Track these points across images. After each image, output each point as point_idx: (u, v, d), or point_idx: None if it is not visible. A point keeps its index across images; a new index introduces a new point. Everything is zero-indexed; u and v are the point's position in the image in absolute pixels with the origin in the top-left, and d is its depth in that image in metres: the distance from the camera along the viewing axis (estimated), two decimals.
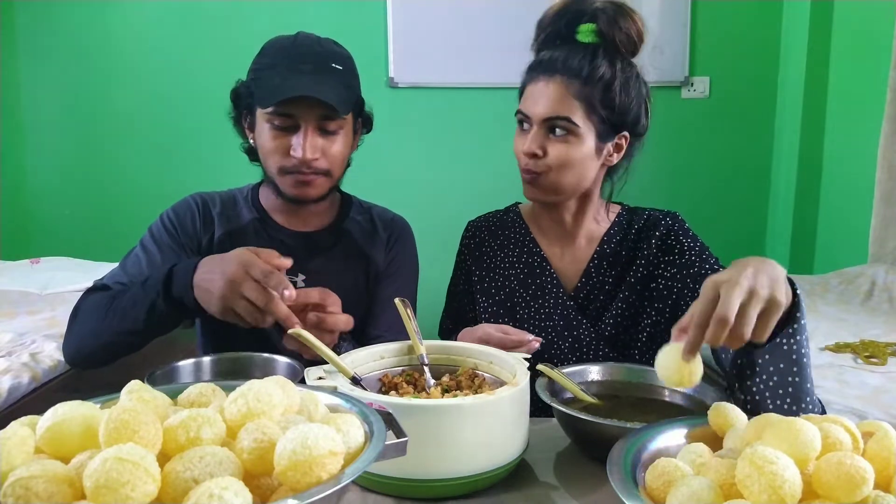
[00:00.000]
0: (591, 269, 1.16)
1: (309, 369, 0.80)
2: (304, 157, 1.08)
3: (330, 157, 1.12)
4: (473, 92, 3.16)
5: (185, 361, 1.01)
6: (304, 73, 1.07)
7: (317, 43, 1.12)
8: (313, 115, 1.08)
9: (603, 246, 1.17)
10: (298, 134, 1.09)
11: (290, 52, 1.10)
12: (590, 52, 1.06)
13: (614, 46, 1.08)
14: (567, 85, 1.05)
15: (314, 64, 1.09)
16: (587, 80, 1.04)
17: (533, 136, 1.07)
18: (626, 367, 0.98)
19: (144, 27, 3.10)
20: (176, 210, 1.21)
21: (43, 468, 0.46)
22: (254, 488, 0.49)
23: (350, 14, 3.09)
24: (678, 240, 1.14)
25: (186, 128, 3.13)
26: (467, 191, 3.14)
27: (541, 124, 1.07)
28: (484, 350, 0.91)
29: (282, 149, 1.10)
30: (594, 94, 1.05)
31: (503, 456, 0.75)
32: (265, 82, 1.09)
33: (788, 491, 0.48)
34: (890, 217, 2.60)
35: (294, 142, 1.09)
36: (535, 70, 1.09)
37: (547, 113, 1.05)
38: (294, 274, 1.19)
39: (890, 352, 1.76)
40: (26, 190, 3.13)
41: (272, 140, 1.10)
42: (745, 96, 3.26)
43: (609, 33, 1.06)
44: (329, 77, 1.09)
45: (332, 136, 1.11)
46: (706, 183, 3.29)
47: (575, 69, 1.05)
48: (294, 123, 1.09)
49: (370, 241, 1.27)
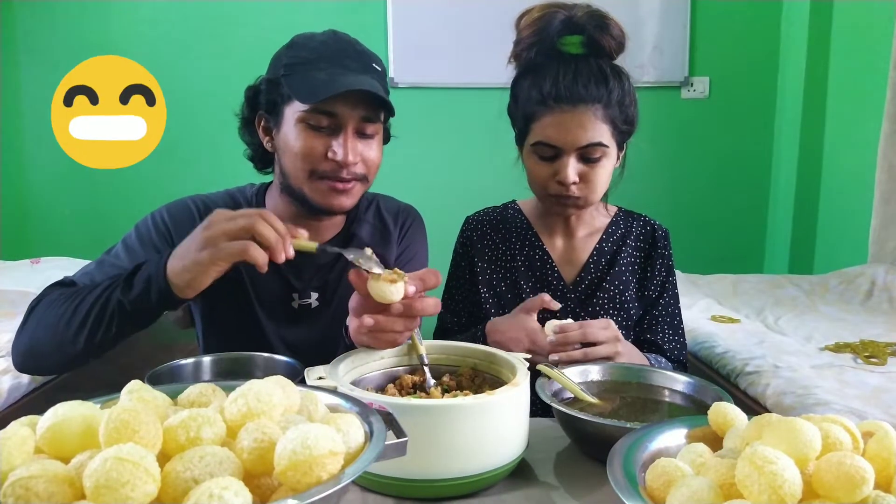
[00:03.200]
0: (591, 264, 1.22)
1: (309, 369, 0.80)
2: (346, 160, 1.01)
3: (368, 162, 1.06)
4: (473, 92, 3.16)
5: (185, 361, 1.01)
6: (351, 70, 1.01)
7: (356, 42, 1.07)
8: (356, 115, 1.01)
9: (602, 244, 1.23)
10: (339, 136, 1.02)
11: (332, 47, 1.03)
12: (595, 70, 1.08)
13: (605, 54, 1.10)
14: (594, 110, 1.07)
15: (359, 62, 1.03)
16: (608, 103, 1.07)
17: (571, 165, 1.08)
18: (626, 367, 0.98)
19: (144, 27, 3.10)
20: (171, 211, 1.12)
21: (43, 468, 0.46)
22: (254, 488, 0.49)
23: (350, 14, 3.09)
24: (660, 252, 1.24)
25: (186, 128, 3.13)
26: (467, 190, 3.13)
27: (573, 153, 1.08)
28: (484, 350, 0.91)
29: (317, 151, 1.02)
30: (615, 113, 1.09)
31: (503, 456, 0.75)
32: (306, 78, 1.01)
33: (788, 491, 0.48)
34: (890, 217, 2.60)
35: (334, 144, 1.01)
36: (551, 100, 1.07)
37: (582, 142, 1.07)
38: (307, 294, 1.15)
39: (890, 352, 1.76)
40: (26, 190, 3.13)
41: (306, 141, 1.02)
42: (745, 96, 3.26)
43: (598, 42, 1.08)
44: (374, 76, 1.04)
45: (370, 139, 1.06)
46: (706, 183, 3.29)
47: (595, 94, 1.06)
48: (334, 124, 1.01)
49: (382, 240, 1.22)
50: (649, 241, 1.25)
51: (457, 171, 3.21)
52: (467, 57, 3.13)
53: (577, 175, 1.09)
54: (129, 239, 1.09)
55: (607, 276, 1.21)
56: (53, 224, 3.15)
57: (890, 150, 2.58)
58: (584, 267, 1.22)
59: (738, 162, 3.30)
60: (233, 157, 1.26)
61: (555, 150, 1.09)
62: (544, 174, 1.11)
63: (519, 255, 1.24)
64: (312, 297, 1.16)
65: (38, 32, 3.07)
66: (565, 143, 1.07)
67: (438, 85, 3.15)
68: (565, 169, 1.08)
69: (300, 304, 1.15)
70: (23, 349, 0.96)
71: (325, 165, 1.03)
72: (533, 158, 1.13)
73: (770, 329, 2.07)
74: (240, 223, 0.83)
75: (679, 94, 3.24)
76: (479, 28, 3.11)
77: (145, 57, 3.10)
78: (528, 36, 1.11)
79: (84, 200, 3.15)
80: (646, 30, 3.16)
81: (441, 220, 1.62)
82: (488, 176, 3.42)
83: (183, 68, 3.11)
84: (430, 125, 3.19)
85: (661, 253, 1.24)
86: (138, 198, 3.04)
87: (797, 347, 1.84)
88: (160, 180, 3.10)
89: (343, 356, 0.87)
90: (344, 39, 1.06)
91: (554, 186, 1.11)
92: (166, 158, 3.16)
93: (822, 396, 1.42)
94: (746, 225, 3.35)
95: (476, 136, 3.24)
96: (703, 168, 3.28)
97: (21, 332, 0.97)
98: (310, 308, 1.16)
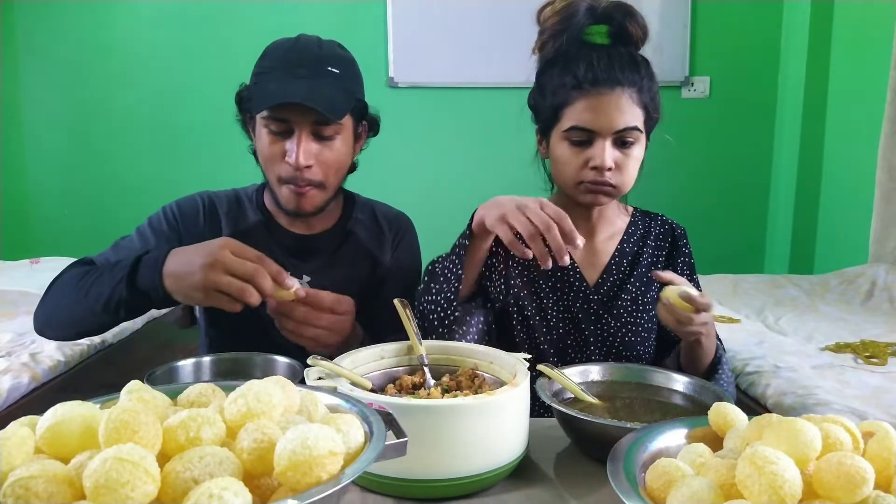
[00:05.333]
0: (612, 266, 1.19)
1: (309, 369, 0.80)
2: (298, 163, 1.07)
3: (325, 164, 1.10)
4: (473, 92, 3.16)
5: (185, 361, 1.01)
6: (300, 77, 1.07)
7: (316, 46, 1.11)
8: (308, 120, 1.07)
9: (623, 245, 1.20)
10: (293, 139, 1.07)
11: (287, 56, 1.09)
12: (626, 57, 1.07)
13: (631, 43, 1.09)
14: (629, 94, 1.06)
15: (310, 68, 1.08)
16: (641, 88, 1.07)
17: (608, 150, 1.06)
18: (626, 367, 0.98)
19: (144, 27, 3.10)
20: (180, 205, 1.20)
21: (43, 468, 0.46)
22: (254, 488, 0.49)
23: (350, 14, 3.09)
24: (682, 251, 1.22)
25: (186, 128, 3.13)
26: (467, 191, 3.14)
27: (609, 137, 1.06)
28: (484, 350, 0.91)
29: (278, 155, 1.09)
30: (647, 99, 1.08)
31: (503, 456, 0.75)
32: (262, 87, 1.08)
33: (788, 491, 0.48)
34: (890, 217, 2.60)
35: (288, 147, 1.08)
36: (587, 84, 1.06)
37: (620, 125, 1.05)
38: (299, 277, 1.18)
39: (890, 352, 1.76)
40: (26, 190, 3.13)
41: (269, 146, 1.09)
42: (745, 96, 3.26)
43: (626, 31, 1.08)
44: (325, 81, 1.08)
45: (329, 141, 1.10)
46: (706, 183, 3.29)
47: (631, 79, 1.06)
48: (288, 128, 1.07)
49: (376, 240, 1.26)
50: (669, 239, 1.22)
51: (457, 171, 3.22)
52: (467, 57, 3.13)
53: (613, 161, 1.06)
54: (142, 228, 1.18)
55: (630, 278, 1.18)
56: (53, 224, 3.16)
57: (890, 151, 2.58)
58: (605, 268, 1.19)
59: (738, 162, 3.30)
60: (232, 157, 1.27)
61: (589, 135, 1.07)
62: (577, 161, 1.08)
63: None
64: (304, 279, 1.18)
65: (38, 32, 3.07)
66: (602, 126, 1.05)
67: (438, 85, 3.15)
68: (602, 153, 1.05)
69: None
70: (42, 319, 1.07)
71: (284, 169, 1.09)
72: (564, 145, 1.10)
73: (770, 329, 2.07)
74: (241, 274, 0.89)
75: (679, 94, 3.24)
76: (479, 28, 3.11)
77: (145, 57, 3.12)
78: (554, 25, 1.10)
79: (84, 201, 3.15)
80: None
81: (441, 220, 1.63)
82: (489, 176, 3.43)
83: (183, 68, 3.11)
84: (430, 125, 3.19)
85: (683, 251, 1.22)
86: (138, 198, 3.04)
87: (797, 347, 1.84)
88: (160, 180, 3.11)
89: (343, 356, 0.87)
90: (304, 46, 1.10)
91: (588, 173, 1.08)
92: (166, 158, 3.17)
93: (822, 396, 1.42)
94: (746, 225, 3.35)
95: (476, 135, 3.25)
96: (703, 168, 3.28)
97: (42, 304, 1.07)
98: None
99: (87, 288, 1.00)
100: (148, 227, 1.17)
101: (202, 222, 1.19)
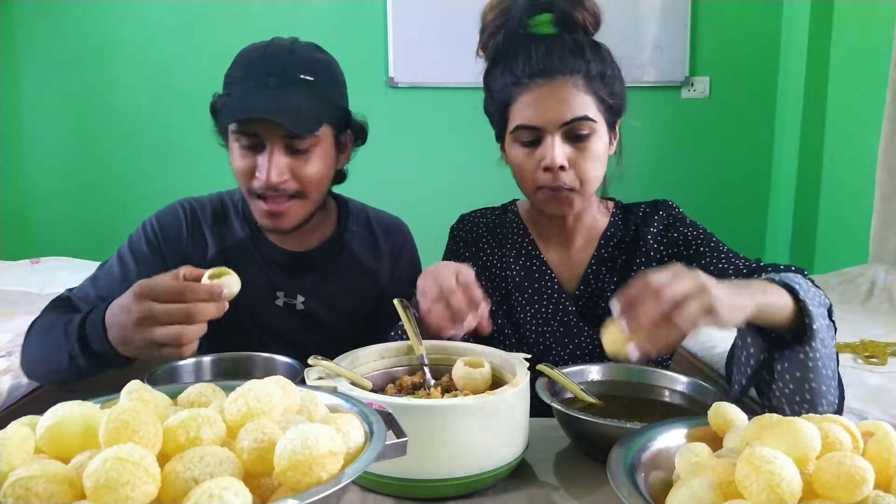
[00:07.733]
0: (590, 274, 1.12)
1: (309, 369, 0.80)
2: (269, 181, 0.99)
3: (301, 178, 1.02)
4: (473, 92, 3.13)
5: (185, 361, 1.01)
6: (268, 87, 0.99)
7: (287, 52, 1.02)
8: (278, 133, 0.98)
9: (601, 250, 1.12)
10: (263, 154, 1.00)
11: (256, 64, 1.01)
12: (569, 44, 1.00)
13: (579, 29, 1.02)
14: (573, 81, 0.97)
15: (280, 77, 0.99)
16: (588, 74, 0.98)
17: (557, 146, 0.97)
18: (626, 368, 0.98)
19: (144, 28, 3.10)
20: (160, 219, 1.13)
21: (43, 468, 0.46)
22: (254, 488, 0.49)
23: (350, 14, 3.09)
24: (679, 230, 1.10)
25: (186, 128, 3.13)
26: (467, 191, 3.13)
27: (557, 131, 0.98)
28: (484, 350, 0.91)
29: (249, 170, 1.02)
30: (598, 85, 0.99)
31: (503, 456, 0.75)
32: (230, 99, 1.01)
33: (787, 490, 0.48)
34: (890, 217, 2.60)
35: (260, 162, 1.00)
36: (525, 78, 0.99)
37: (565, 116, 0.97)
38: (293, 296, 1.14)
39: (890, 352, 1.76)
40: (26, 190, 3.13)
41: (240, 159, 1.02)
42: (745, 96, 3.26)
43: (571, 17, 1.01)
44: (296, 91, 1.00)
45: (304, 154, 1.01)
46: (706, 183, 3.29)
47: (573, 66, 0.98)
48: (259, 143, 1.00)
49: (372, 253, 1.19)
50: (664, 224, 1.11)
51: (457, 171, 3.21)
52: (467, 57, 3.11)
53: (564, 158, 0.97)
54: (122, 251, 1.12)
55: (611, 285, 1.10)
56: (53, 224, 3.15)
57: (890, 150, 2.58)
58: (583, 277, 1.11)
59: (738, 162, 3.30)
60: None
61: (536, 133, 0.99)
62: (530, 164, 1.00)
63: (514, 265, 1.13)
64: (298, 300, 1.16)
65: (38, 32, 3.07)
66: (546, 120, 0.97)
67: (438, 85, 3.15)
68: (551, 150, 0.97)
69: (284, 303, 1.16)
70: (26, 365, 1.05)
71: (255, 184, 1.02)
72: (515, 148, 1.02)
73: None
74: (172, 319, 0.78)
75: (679, 94, 3.23)
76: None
77: (145, 57, 3.12)
78: (493, 21, 1.03)
79: (84, 201, 3.15)
80: (646, 30, 3.16)
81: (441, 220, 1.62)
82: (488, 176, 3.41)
83: (183, 68, 3.10)
84: (430, 125, 3.19)
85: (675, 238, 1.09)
86: (138, 198, 3.05)
87: None
88: (160, 181, 3.11)
89: (343, 356, 0.87)
90: (274, 52, 1.02)
91: (542, 176, 0.99)
92: (166, 159, 3.17)
93: None
94: (746, 225, 3.35)
95: (476, 135, 3.21)
96: (703, 168, 3.28)
97: (23, 349, 1.04)
98: (294, 308, 1.16)
99: (52, 345, 0.94)
100: (128, 249, 1.11)
101: (185, 238, 1.12)
